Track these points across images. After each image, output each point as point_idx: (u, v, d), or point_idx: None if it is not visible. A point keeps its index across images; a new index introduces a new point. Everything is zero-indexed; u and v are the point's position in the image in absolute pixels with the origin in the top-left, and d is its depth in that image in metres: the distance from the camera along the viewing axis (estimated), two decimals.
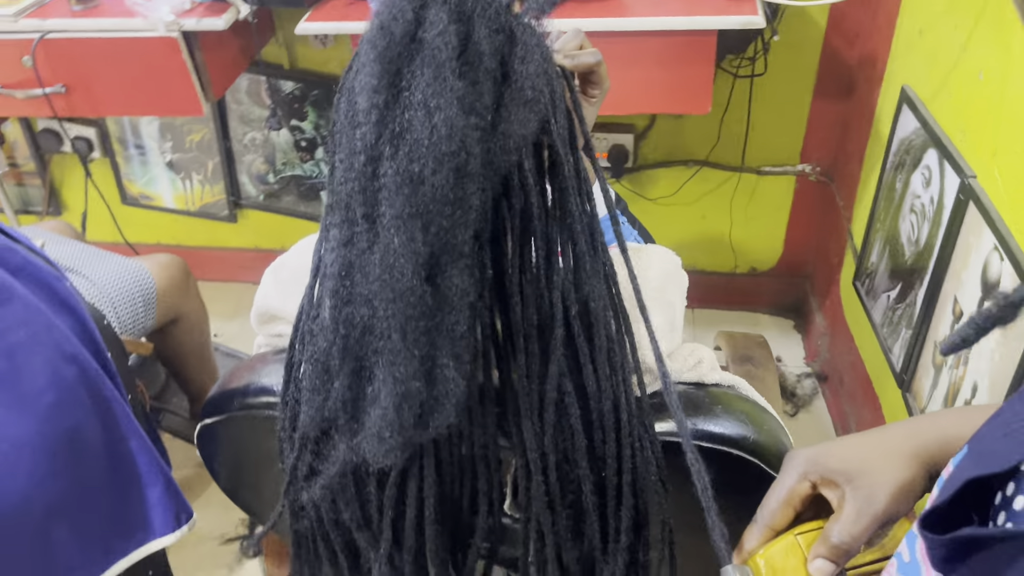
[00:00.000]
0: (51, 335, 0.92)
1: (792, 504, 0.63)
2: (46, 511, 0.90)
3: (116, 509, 0.99)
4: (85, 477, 0.94)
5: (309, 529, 0.79)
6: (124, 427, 0.99)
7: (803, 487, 0.63)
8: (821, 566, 0.59)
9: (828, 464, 0.62)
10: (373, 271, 0.60)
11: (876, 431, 0.64)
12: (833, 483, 0.61)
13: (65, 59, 1.64)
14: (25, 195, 2.50)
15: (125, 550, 1.00)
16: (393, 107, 0.59)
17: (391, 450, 0.63)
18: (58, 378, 0.91)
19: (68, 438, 0.91)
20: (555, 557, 0.75)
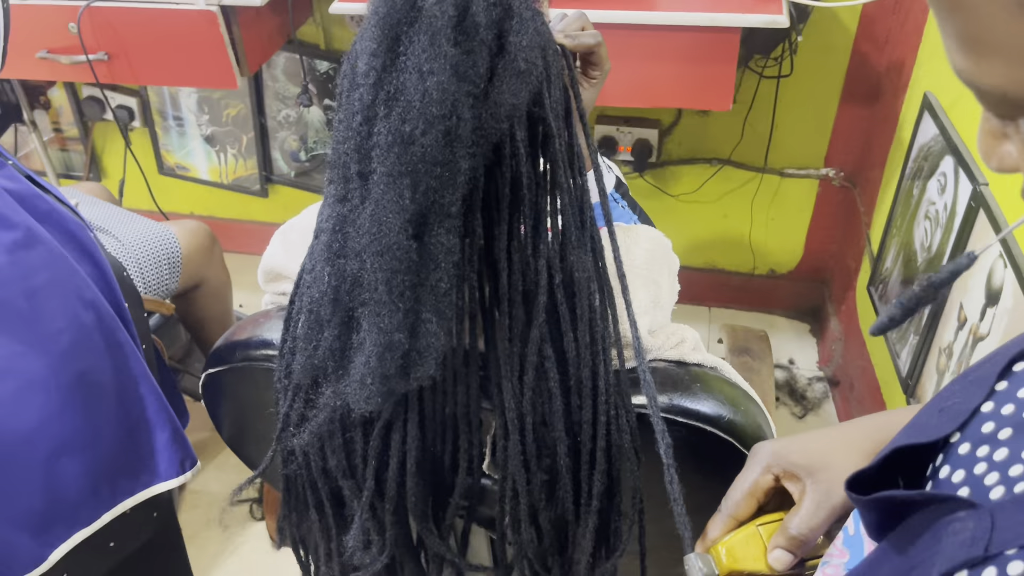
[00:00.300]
0: (71, 280, 0.97)
1: (755, 496, 0.65)
2: (55, 446, 0.94)
3: (124, 450, 1.03)
4: (95, 417, 0.98)
5: (298, 475, 0.82)
6: (136, 373, 1.03)
7: (766, 479, 0.65)
8: (780, 556, 0.61)
9: (790, 458, 0.64)
10: (364, 226, 0.64)
11: (838, 427, 0.66)
12: (795, 476, 0.63)
13: (109, 27, 1.70)
14: (68, 160, 2.58)
15: (131, 490, 1.05)
16: (390, 70, 0.62)
17: (371, 396, 0.66)
18: (75, 321, 0.96)
19: (80, 379, 0.96)
20: (528, 517, 0.78)
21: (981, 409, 0.43)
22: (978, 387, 0.44)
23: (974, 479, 0.41)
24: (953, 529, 0.36)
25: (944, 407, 0.46)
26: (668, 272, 0.86)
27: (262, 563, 1.77)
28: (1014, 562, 0.33)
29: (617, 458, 0.76)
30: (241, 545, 1.81)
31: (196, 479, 1.94)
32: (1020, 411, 0.41)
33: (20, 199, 0.95)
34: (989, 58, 0.33)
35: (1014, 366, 0.44)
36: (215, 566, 1.77)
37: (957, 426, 0.44)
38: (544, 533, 0.80)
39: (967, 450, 0.42)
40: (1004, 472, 0.39)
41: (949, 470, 0.43)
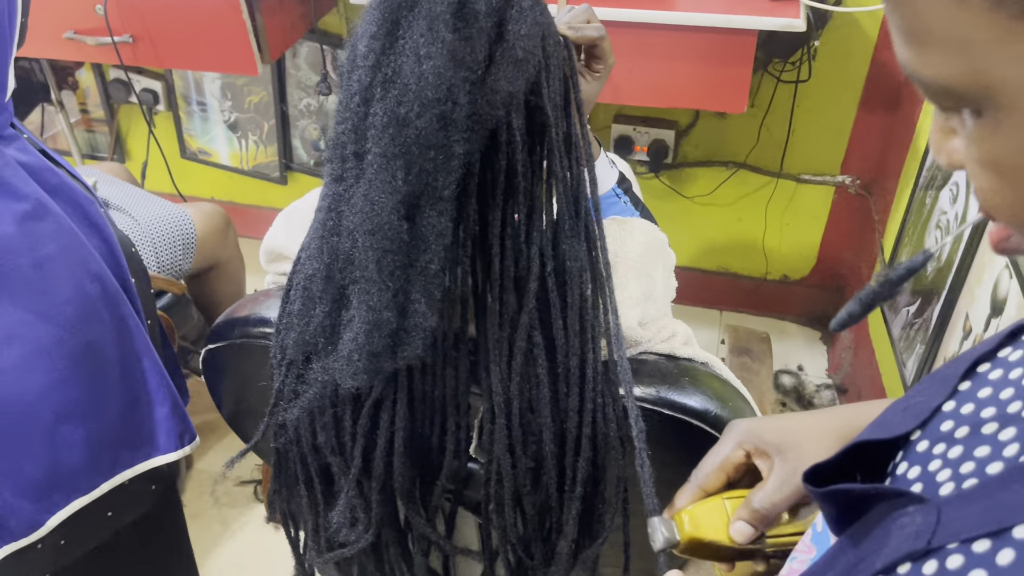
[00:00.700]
0: (79, 252, 0.99)
1: (725, 470, 0.66)
2: (58, 413, 0.97)
3: (125, 422, 1.05)
4: (98, 388, 1.01)
5: (289, 450, 0.84)
6: (139, 347, 1.05)
7: (737, 455, 0.66)
8: (741, 528, 0.62)
9: (763, 436, 0.64)
10: (357, 205, 0.65)
11: (813, 413, 0.67)
12: (765, 454, 0.64)
13: (134, 10, 1.73)
14: (93, 141, 2.63)
15: (131, 461, 1.07)
16: (388, 53, 0.64)
17: (358, 373, 0.68)
18: (81, 292, 0.98)
19: (85, 349, 0.98)
20: (512, 501, 0.79)
21: (942, 408, 0.44)
22: (942, 386, 0.45)
23: (928, 476, 0.41)
24: (901, 523, 0.37)
25: (908, 405, 0.46)
26: (663, 267, 0.86)
27: (263, 544, 1.80)
28: (953, 555, 0.34)
29: (602, 446, 0.77)
30: (245, 525, 1.83)
31: (201, 459, 1.97)
32: (978, 411, 0.41)
33: (32, 171, 0.97)
34: (929, 49, 0.33)
35: (978, 367, 0.44)
36: (217, 545, 1.80)
37: (918, 423, 0.44)
38: (528, 518, 0.81)
39: (925, 447, 0.43)
40: (955, 470, 0.40)
41: (906, 466, 0.43)
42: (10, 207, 0.93)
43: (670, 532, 0.64)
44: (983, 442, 0.40)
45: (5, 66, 0.96)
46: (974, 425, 0.41)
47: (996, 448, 0.39)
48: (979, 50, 0.31)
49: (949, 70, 0.33)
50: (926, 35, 0.33)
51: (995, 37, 0.31)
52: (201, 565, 1.75)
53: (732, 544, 0.62)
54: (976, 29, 0.31)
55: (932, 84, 0.34)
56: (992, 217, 0.37)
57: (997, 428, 0.40)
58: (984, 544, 0.33)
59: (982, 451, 0.39)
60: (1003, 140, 0.33)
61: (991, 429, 0.40)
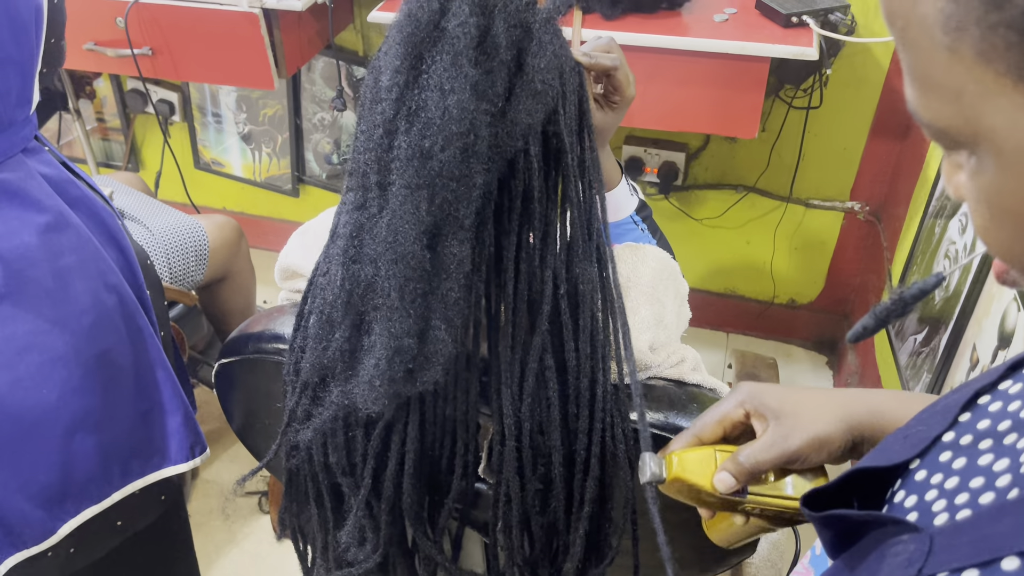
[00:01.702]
0: (97, 264, 1.01)
1: (723, 424, 0.68)
2: (72, 422, 0.98)
3: (137, 432, 1.07)
4: (112, 398, 1.02)
5: (300, 469, 0.85)
6: (153, 358, 1.07)
7: (737, 412, 0.68)
8: (723, 478, 0.64)
9: (764, 399, 0.66)
10: (380, 234, 0.66)
11: (819, 390, 0.69)
12: (763, 416, 0.66)
13: (154, 23, 1.76)
14: (109, 149, 2.65)
15: (142, 471, 1.08)
16: (412, 87, 0.65)
17: (379, 398, 0.69)
18: (98, 303, 0.99)
19: (100, 359, 0.99)
20: (521, 523, 0.80)
21: (942, 438, 0.45)
22: (942, 416, 0.46)
23: (924, 505, 0.42)
24: (895, 551, 0.38)
25: (909, 434, 0.48)
26: (675, 294, 0.87)
27: (267, 555, 1.80)
28: None
29: (611, 466, 0.78)
30: (248, 536, 1.84)
31: (208, 469, 1.98)
32: (976, 442, 0.43)
33: (54, 184, 0.99)
34: (928, 94, 0.35)
35: (979, 399, 0.46)
36: (221, 555, 1.80)
37: (917, 453, 0.45)
38: (536, 539, 0.82)
39: (923, 476, 0.44)
40: (951, 500, 0.41)
41: (904, 495, 0.45)
42: (33, 219, 0.95)
43: (658, 469, 0.66)
44: (978, 473, 0.41)
45: (31, 81, 0.98)
46: (971, 456, 0.42)
47: (990, 479, 0.40)
48: (970, 100, 0.33)
49: (944, 115, 0.35)
50: (926, 80, 0.35)
51: (984, 90, 0.33)
52: (205, 575, 1.76)
53: (713, 492, 0.65)
54: (968, 80, 0.33)
55: (930, 126, 0.36)
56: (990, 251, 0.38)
57: (992, 459, 0.41)
58: (972, 574, 0.34)
59: (976, 482, 0.40)
60: (993, 182, 0.35)
61: (987, 460, 0.41)
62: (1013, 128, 0.33)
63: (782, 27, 1.53)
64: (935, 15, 0.33)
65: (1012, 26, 0.31)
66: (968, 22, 0.32)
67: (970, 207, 0.37)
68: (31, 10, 0.96)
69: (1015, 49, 0.31)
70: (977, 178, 0.36)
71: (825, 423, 0.63)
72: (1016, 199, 0.34)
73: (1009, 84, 0.32)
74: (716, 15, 1.58)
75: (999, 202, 0.35)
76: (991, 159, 0.34)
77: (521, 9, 0.67)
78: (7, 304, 0.94)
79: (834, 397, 0.66)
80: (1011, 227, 0.35)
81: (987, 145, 0.34)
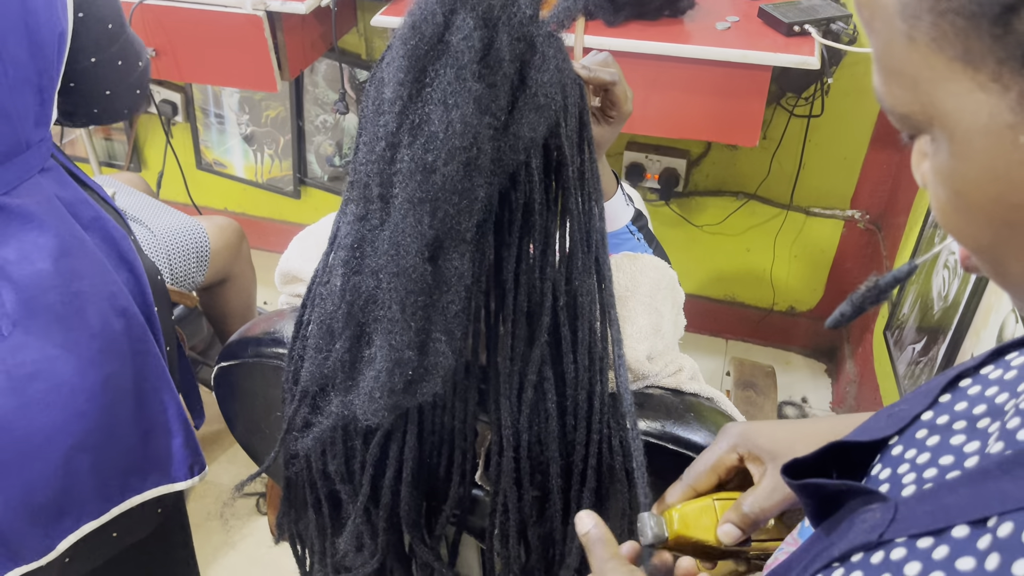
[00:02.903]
0: (108, 288, 1.02)
1: (717, 471, 0.68)
2: (74, 444, 0.99)
3: (138, 451, 1.07)
4: (114, 419, 1.03)
5: (299, 476, 0.85)
6: (157, 380, 1.08)
7: (730, 458, 0.67)
8: (729, 530, 0.64)
9: (757, 441, 0.66)
10: (382, 246, 0.66)
11: (808, 421, 0.69)
12: (758, 459, 0.66)
13: (159, 25, 1.76)
14: (111, 149, 2.65)
15: (140, 488, 1.09)
16: (415, 100, 0.65)
17: (379, 409, 0.69)
18: (107, 328, 1.00)
19: (105, 383, 1.00)
20: (517, 532, 0.80)
21: (921, 416, 0.47)
22: (924, 397, 0.48)
23: (895, 477, 0.44)
24: (863, 518, 0.40)
25: (892, 412, 0.49)
26: (672, 303, 0.87)
27: (263, 557, 1.80)
28: (898, 548, 0.37)
29: (607, 478, 0.78)
30: (246, 537, 1.84)
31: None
32: (951, 422, 0.44)
33: (69, 206, 1.00)
34: (890, 80, 0.37)
35: (960, 381, 0.47)
36: (218, 556, 1.80)
37: (897, 430, 0.47)
38: (532, 548, 0.82)
39: (899, 452, 0.46)
40: (920, 474, 0.43)
41: (880, 468, 0.47)
42: (48, 244, 0.95)
43: (659, 528, 0.65)
44: (949, 451, 0.43)
45: (50, 102, 0.98)
46: (944, 435, 0.44)
47: (959, 459, 0.42)
48: (925, 86, 0.35)
49: (904, 101, 0.37)
50: (888, 66, 0.37)
51: (937, 75, 0.35)
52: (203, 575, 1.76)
53: (719, 545, 0.64)
54: (923, 67, 0.35)
55: (892, 111, 0.38)
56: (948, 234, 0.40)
57: (964, 440, 0.43)
58: (927, 541, 0.36)
59: (946, 460, 0.42)
60: (947, 166, 0.36)
61: (959, 440, 0.43)
62: (962, 112, 0.34)
63: (784, 36, 1.53)
64: (894, 3, 0.35)
65: (960, 12, 0.32)
66: (922, 9, 0.34)
67: (929, 192, 0.39)
68: (53, 32, 0.96)
69: (963, 35, 0.33)
70: (934, 163, 0.37)
71: None
72: (966, 183, 0.36)
73: (959, 69, 0.34)
74: (718, 23, 1.59)
75: (952, 186, 0.37)
76: (945, 144, 0.36)
77: (525, 22, 0.67)
78: (19, 331, 0.95)
79: (825, 427, 0.66)
80: (964, 211, 0.37)
81: (941, 130, 0.36)
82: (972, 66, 0.33)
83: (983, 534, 0.34)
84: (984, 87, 0.33)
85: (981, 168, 0.35)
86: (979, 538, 0.34)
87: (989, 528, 0.34)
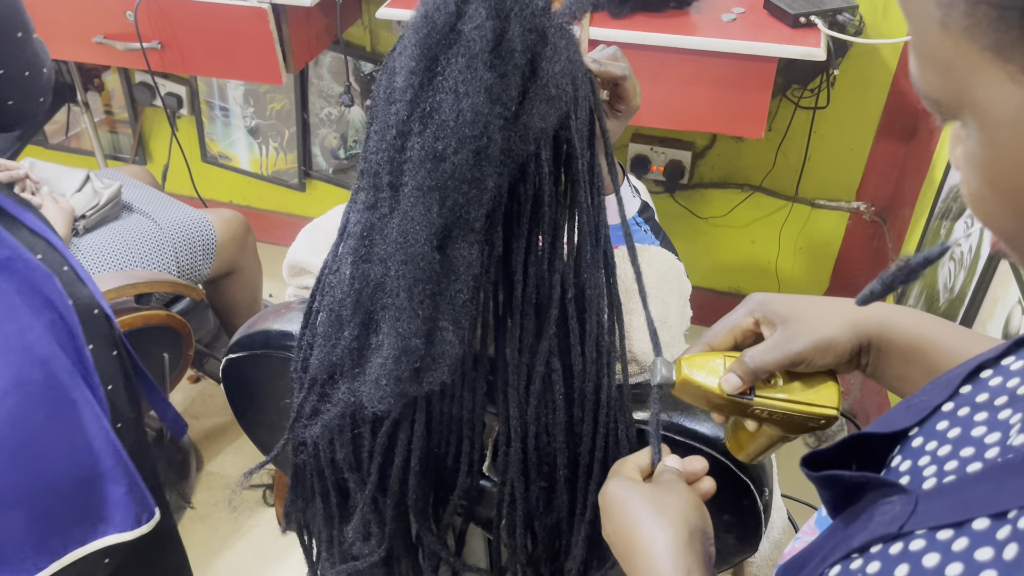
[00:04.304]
0: (23, 338, 0.94)
1: (734, 333, 0.70)
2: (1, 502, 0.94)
3: (75, 503, 1.02)
4: (44, 474, 0.97)
5: (307, 464, 0.86)
6: (90, 429, 1.01)
7: (747, 321, 0.69)
8: (730, 379, 0.66)
9: (773, 307, 0.68)
10: (391, 235, 0.67)
11: (830, 298, 0.70)
12: (771, 323, 0.67)
13: (164, 17, 1.76)
14: (116, 142, 2.66)
15: (83, 540, 1.03)
16: (427, 89, 0.65)
17: (385, 397, 0.69)
18: (22, 382, 0.93)
19: (27, 439, 0.94)
20: (524, 523, 0.81)
21: (942, 408, 0.47)
22: (944, 387, 0.48)
23: (916, 469, 0.45)
24: (883, 510, 0.41)
25: (912, 404, 0.50)
26: (679, 295, 0.88)
27: (270, 547, 1.81)
28: (917, 540, 0.38)
29: None
30: (253, 528, 1.85)
31: (213, 462, 1.99)
32: (972, 414, 0.45)
33: None
34: (924, 65, 0.38)
35: (981, 372, 0.47)
36: (226, 547, 1.81)
37: (917, 421, 0.47)
38: (539, 539, 0.83)
39: (919, 443, 0.46)
40: (940, 466, 0.43)
41: (900, 459, 0.47)
42: None
43: (668, 372, 0.68)
44: (970, 443, 0.43)
45: None
46: (965, 427, 0.44)
47: (980, 450, 0.42)
48: (957, 73, 0.36)
49: (937, 86, 0.37)
50: (923, 52, 0.38)
51: (969, 64, 0.35)
52: (209, 567, 1.77)
53: (721, 393, 0.67)
54: (955, 54, 0.35)
55: (926, 96, 0.39)
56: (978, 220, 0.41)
57: (985, 432, 0.43)
58: (947, 533, 0.37)
59: (967, 451, 0.43)
60: (977, 152, 0.37)
61: (979, 432, 0.43)
62: (992, 102, 0.35)
63: (790, 27, 1.53)
64: None
65: (991, 3, 0.33)
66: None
67: (961, 176, 0.40)
68: None
69: (994, 26, 0.33)
70: (965, 148, 0.38)
71: (831, 326, 0.64)
72: (994, 171, 0.36)
73: (990, 59, 0.34)
74: (724, 14, 1.59)
75: (981, 173, 0.37)
76: (976, 131, 0.37)
77: (537, 14, 0.67)
78: None
79: (844, 303, 0.67)
80: (992, 198, 0.38)
81: (972, 117, 0.36)
82: (1003, 57, 0.34)
83: (1003, 525, 0.35)
84: (1014, 78, 0.34)
85: (1009, 158, 0.35)
86: (999, 530, 0.35)
87: (1009, 520, 0.35)
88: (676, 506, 0.61)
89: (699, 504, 0.64)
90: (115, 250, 1.58)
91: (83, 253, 1.56)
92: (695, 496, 0.64)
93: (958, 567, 0.35)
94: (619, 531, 0.62)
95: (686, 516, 0.61)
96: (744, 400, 0.66)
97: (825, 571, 0.42)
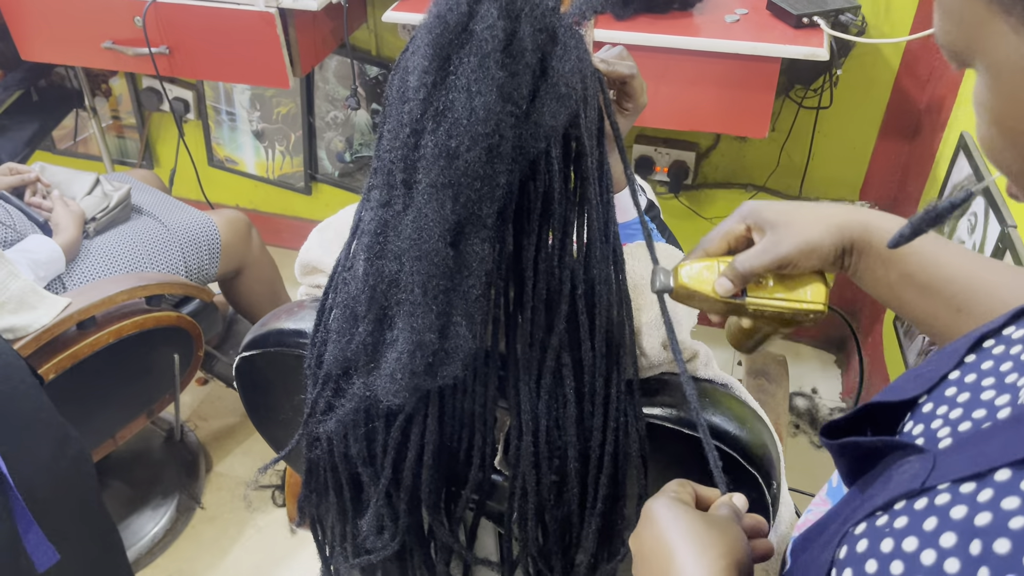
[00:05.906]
0: None
1: (727, 239, 0.75)
2: None
3: None
4: None
5: (320, 459, 0.87)
6: None
7: (739, 227, 0.74)
8: (722, 283, 0.72)
9: (763, 214, 0.72)
10: (405, 231, 0.68)
11: (818, 203, 0.74)
12: (761, 229, 0.72)
13: (172, 23, 1.78)
14: (124, 147, 2.68)
15: None
16: (440, 88, 0.66)
17: (399, 391, 0.71)
18: None
19: None
20: (535, 515, 0.82)
21: (949, 376, 0.49)
22: (950, 357, 0.50)
23: (929, 432, 0.47)
24: (902, 470, 0.43)
25: (919, 373, 0.52)
26: None
27: (279, 547, 1.82)
28: (942, 494, 0.39)
29: (624, 464, 0.80)
30: (263, 528, 1.86)
31: (222, 463, 2.01)
32: (980, 380, 0.47)
33: None
34: (942, 16, 0.43)
35: (984, 342, 0.50)
36: (235, 548, 1.83)
37: (926, 389, 0.50)
38: (550, 532, 0.84)
39: (929, 409, 0.48)
40: (954, 428, 0.45)
41: (912, 425, 0.49)
42: None
43: (666, 279, 0.74)
44: (981, 406, 0.45)
45: None
46: (974, 392, 0.46)
47: (991, 411, 0.44)
48: (968, 24, 0.40)
49: (951, 35, 0.42)
50: (942, 4, 0.42)
51: (977, 17, 0.40)
52: (219, 567, 1.79)
53: (715, 296, 0.73)
54: (966, 7, 0.40)
55: (942, 45, 0.43)
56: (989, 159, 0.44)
57: (994, 395, 0.45)
58: (970, 485, 0.38)
59: (979, 413, 0.45)
60: (986, 97, 0.42)
61: (989, 396, 0.45)
62: (997, 52, 0.39)
63: (793, 28, 1.54)
64: None
65: None
66: None
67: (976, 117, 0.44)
68: None
69: None
70: (976, 93, 0.42)
71: (816, 230, 0.69)
72: (1000, 115, 0.41)
73: (996, 11, 0.39)
74: (727, 15, 1.60)
75: (989, 116, 0.42)
76: (985, 77, 0.41)
77: (547, 14, 0.69)
78: None
79: (830, 208, 0.71)
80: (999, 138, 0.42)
81: (980, 65, 0.41)
82: (1005, 10, 0.38)
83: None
84: (1016, 30, 0.38)
85: (1013, 102, 0.39)
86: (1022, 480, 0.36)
87: None
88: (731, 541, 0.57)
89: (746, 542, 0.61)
90: (125, 252, 1.60)
91: (93, 255, 1.57)
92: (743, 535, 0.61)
93: (987, 516, 0.36)
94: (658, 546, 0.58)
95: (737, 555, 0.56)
96: (737, 301, 0.72)
97: (849, 530, 0.43)
